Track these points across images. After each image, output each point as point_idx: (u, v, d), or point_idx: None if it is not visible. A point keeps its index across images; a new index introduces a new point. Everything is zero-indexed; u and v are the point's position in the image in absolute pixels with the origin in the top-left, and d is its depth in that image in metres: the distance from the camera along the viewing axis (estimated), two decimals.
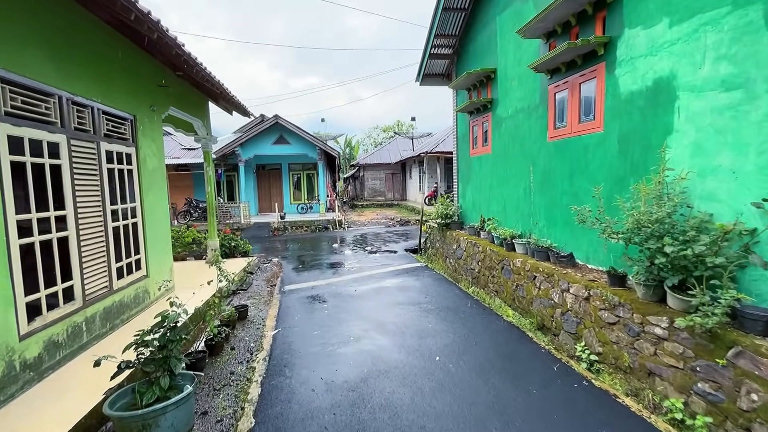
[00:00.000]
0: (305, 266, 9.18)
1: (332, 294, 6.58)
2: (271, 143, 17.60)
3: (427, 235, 10.98)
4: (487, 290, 6.74)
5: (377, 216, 20.40)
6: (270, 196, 20.26)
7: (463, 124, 9.31)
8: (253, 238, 14.89)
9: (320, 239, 14.05)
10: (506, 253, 6.32)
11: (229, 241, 9.58)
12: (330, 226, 16.68)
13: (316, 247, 12.15)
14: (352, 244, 12.51)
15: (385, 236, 13.94)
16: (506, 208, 7.22)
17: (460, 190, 9.76)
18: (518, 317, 5.47)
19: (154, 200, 5.69)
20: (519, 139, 6.64)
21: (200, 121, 7.94)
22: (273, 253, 11.23)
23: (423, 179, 22.05)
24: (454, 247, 8.65)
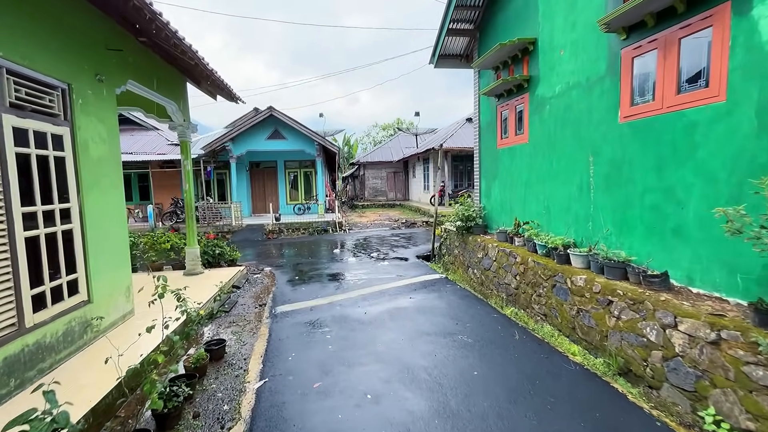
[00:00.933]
0: (302, 278, 7.80)
1: (336, 318, 5.20)
2: (265, 138, 16.19)
3: (441, 240, 9.63)
4: (531, 312, 5.39)
5: (380, 217, 19.03)
6: (264, 195, 18.84)
7: (488, 111, 7.96)
8: (244, 241, 13.48)
9: (319, 243, 12.66)
10: (558, 266, 4.96)
11: (212, 248, 8.18)
12: (329, 228, 15.29)
13: (314, 253, 10.77)
14: (355, 249, 11.13)
15: (391, 240, 12.57)
16: (550, 209, 5.87)
17: (483, 188, 8.41)
18: (585, 355, 4.12)
19: (102, 200, 4.29)
20: (571, 123, 5.30)
21: (175, 105, 6.54)
22: (266, 260, 9.84)
23: (428, 177, 20.71)
24: (479, 255, 7.29)
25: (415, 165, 23.92)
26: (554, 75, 5.64)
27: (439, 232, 9.86)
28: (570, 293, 4.63)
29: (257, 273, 8.24)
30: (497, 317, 5.21)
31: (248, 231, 14.95)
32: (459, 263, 8.32)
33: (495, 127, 7.64)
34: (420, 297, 6.11)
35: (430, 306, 5.64)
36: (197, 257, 7.39)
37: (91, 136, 4.16)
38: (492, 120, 7.77)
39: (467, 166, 20.12)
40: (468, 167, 20.15)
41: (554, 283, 4.95)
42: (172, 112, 6.65)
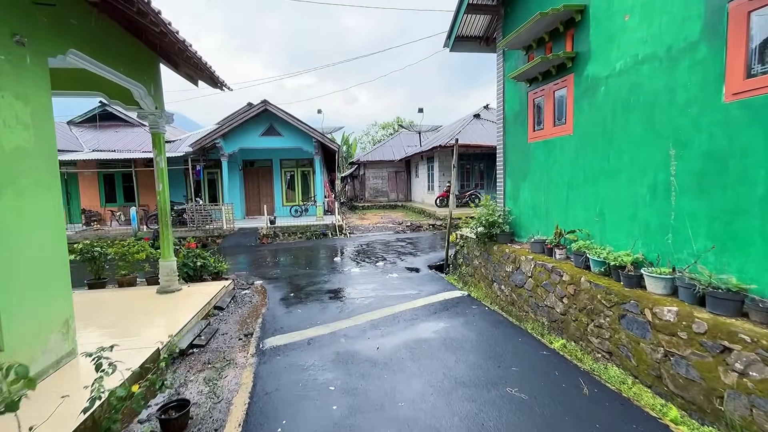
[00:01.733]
0: (299, 295, 6.65)
1: (342, 357, 4.06)
2: (260, 134, 15.01)
3: (456, 248, 8.49)
4: (587, 347, 4.26)
5: (382, 219, 17.88)
6: (259, 197, 17.66)
7: (515, 99, 6.84)
8: (235, 247, 12.31)
9: (318, 250, 11.50)
10: (627, 291, 3.84)
11: (193, 260, 7.02)
12: (329, 232, 14.13)
13: (313, 262, 9.61)
14: (358, 257, 9.98)
15: (397, 246, 11.42)
16: (605, 216, 4.74)
17: (508, 189, 7.28)
18: (687, 419, 3.00)
19: (18, 206, 3.13)
20: (640, 108, 4.17)
21: (143, 88, 5.38)
22: (257, 271, 8.67)
23: (433, 177, 19.58)
24: (507, 269, 6.16)
25: (418, 164, 22.79)
26: (613, 48, 4.51)
27: (453, 239, 8.73)
28: (651, 329, 3.50)
29: (246, 288, 7.08)
30: (547, 355, 4.07)
31: (240, 235, 13.78)
32: (480, 276, 7.19)
33: (525, 118, 6.51)
34: (444, 324, 4.97)
35: (459, 338, 4.50)
36: (173, 271, 6.22)
37: (5, 118, 3.00)
38: (521, 109, 6.64)
39: (474, 165, 19.01)
40: (476, 166, 19.03)
41: (623, 312, 3.82)
42: (139, 97, 5.48)
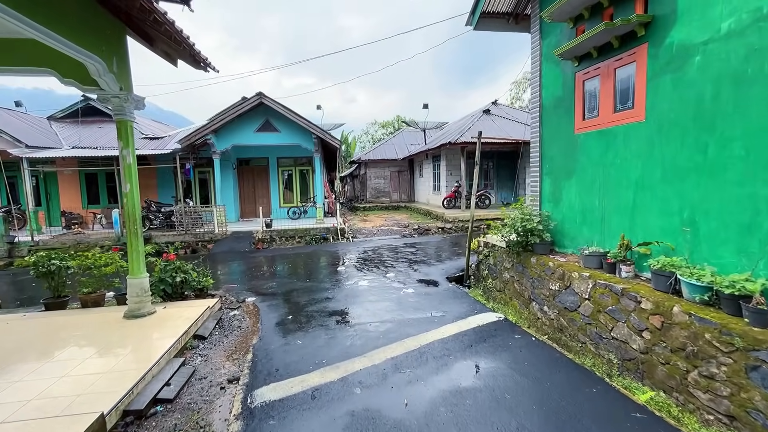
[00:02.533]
0: (298, 317, 5.53)
1: (359, 425, 2.94)
2: (255, 130, 13.87)
3: (480, 257, 7.39)
4: (688, 403, 3.17)
5: (386, 222, 16.77)
6: (254, 197, 16.51)
7: (557, 82, 5.75)
8: (228, 253, 11.16)
9: (318, 257, 10.37)
10: (761, 334, 2.75)
11: (172, 275, 5.88)
12: (330, 236, 13.01)
13: (313, 272, 8.48)
14: (364, 265, 8.86)
15: (406, 252, 10.31)
16: (700, 224, 3.65)
17: (545, 190, 6.20)
18: None
19: None
20: (763, 81, 3.08)
21: (100, 62, 4.25)
22: (250, 283, 7.54)
23: (439, 177, 18.48)
24: (552, 286, 5.06)
25: (423, 163, 21.69)
26: (717, 4, 3.42)
27: (475, 246, 7.62)
28: None
29: (235, 308, 5.95)
30: (640, 418, 2.96)
31: (233, 240, 12.63)
32: (513, 292, 6.09)
33: (571, 104, 5.42)
34: (486, 363, 3.86)
35: (512, 387, 3.39)
36: (145, 291, 5.10)
37: None
38: (565, 94, 5.55)
39: (484, 164, 17.91)
40: (485, 165, 17.94)
41: (754, 363, 2.73)
42: (97, 74, 4.34)
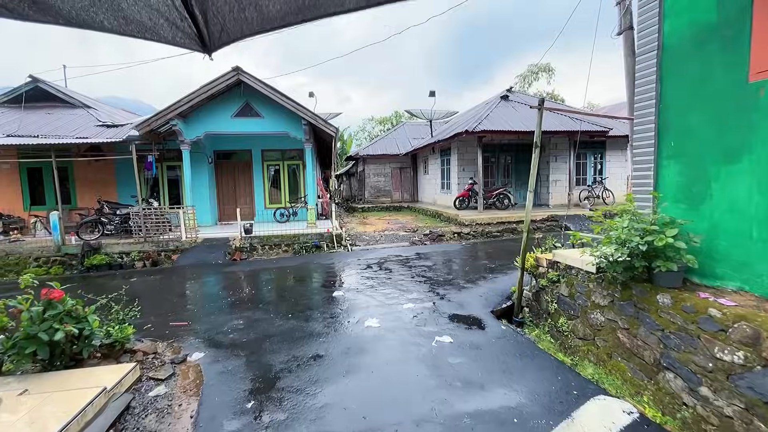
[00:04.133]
0: (268, 398, 3.21)
1: None
2: (232, 115, 11.47)
3: (541, 283, 5.07)
4: None
5: (389, 225, 14.44)
6: (235, 197, 14.09)
7: (703, 4, 3.44)
8: (194, 268, 8.75)
9: (308, 274, 8.03)
10: None
11: (52, 327, 3.47)
12: (324, 243, 10.66)
13: (299, 302, 6.13)
14: (370, 289, 6.54)
15: (422, 267, 7.99)
16: None
17: (670, 182, 3.88)
18: None
19: None
20: None
21: None
22: (206, 321, 5.17)
23: (449, 174, 16.19)
24: (725, 355, 2.75)
25: (429, 159, 19.39)
26: None
27: (531, 265, 5.31)
28: None
29: (165, 378, 3.59)
30: None
31: (205, 249, 10.23)
32: (615, 346, 3.77)
33: (743, 31, 3.11)
34: None
35: None
36: None
37: None
38: (729, 15, 3.24)
39: (500, 158, 15.65)
40: (502, 159, 15.67)
41: None
42: None
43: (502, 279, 6.77)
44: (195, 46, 1.59)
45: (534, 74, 36.73)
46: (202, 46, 1.60)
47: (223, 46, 1.60)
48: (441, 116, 20.11)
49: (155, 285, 7.67)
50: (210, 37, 1.56)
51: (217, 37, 1.56)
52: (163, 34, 1.52)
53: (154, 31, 1.50)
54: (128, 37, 1.54)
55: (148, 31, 1.50)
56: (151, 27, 1.48)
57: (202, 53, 1.70)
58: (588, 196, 14.81)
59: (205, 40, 1.57)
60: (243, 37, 1.53)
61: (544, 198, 15.55)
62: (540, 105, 5.02)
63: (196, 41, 1.57)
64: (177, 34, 1.54)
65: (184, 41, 1.57)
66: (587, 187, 15.12)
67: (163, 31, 1.51)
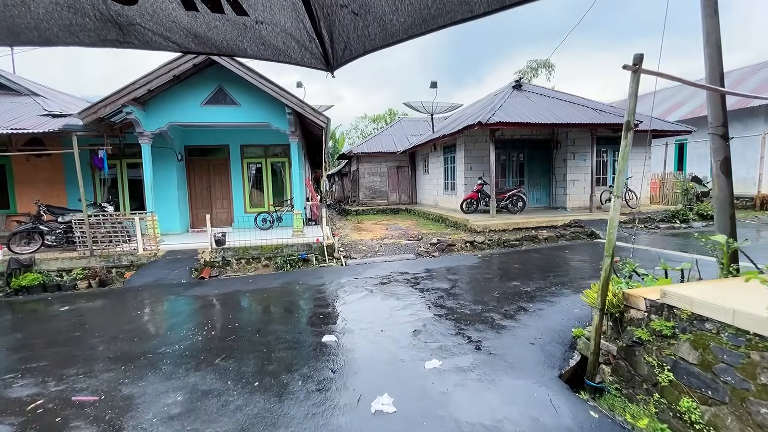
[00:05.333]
0: None
1: None
2: (202, 102, 9.59)
3: (635, 334, 3.36)
4: None
5: (388, 231, 12.69)
6: (210, 200, 12.21)
7: None
8: (149, 290, 6.82)
9: (292, 303, 6.24)
10: None
11: None
12: (312, 255, 8.87)
13: (275, 353, 4.34)
14: (375, 332, 4.81)
15: (439, 291, 6.26)
16: None
17: None
18: None
19: None
20: None
21: None
22: (121, 400, 3.35)
23: (454, 173, 14.49)
24: None
25: (429, 156, 17.69)
26: None
27: (616, 301, 3.59)
28: None
29: None
30: None
31: (166, 264, 8.37)
32: None
33: None
34: None
35: None
36: None
37: None
38: None
39: (513, 156, 14.00)
40: (514, 157, 14.02)
41: None
42: None
43: (548, 312, 5.06)
44: (320, 65, 1.70)
45: (534, 70, 35.38)
46: (326, 65, 1.69)
47: (345, 63, 1.66)
48: (443, 109, 18.41)
49: (88, 317, 5.81)
50: (334, 56, 1.64)
51: (340, 55, 1.64)
52: (294, 56, 1.65)
53: (287, 54, 1.64)
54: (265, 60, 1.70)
55: (281, 54, 1.64)
56: (284, 50, 1.62)
57: (326, 71, 1.71)
58: (610, 198, 13.22)
59: (329, 59, 1.66)
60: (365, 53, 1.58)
61: (560, 200, 13.95)
62: (636, 65, 3.30)
63: (321, 60, 1.67)
64: (305, 55, 1.65)
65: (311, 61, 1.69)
66: (608, 187, 13.56)
67: (293, 53, 1.64)
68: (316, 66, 1.71)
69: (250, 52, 1.62)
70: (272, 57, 1.64)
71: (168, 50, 1.55)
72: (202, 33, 1.47)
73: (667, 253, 7.88)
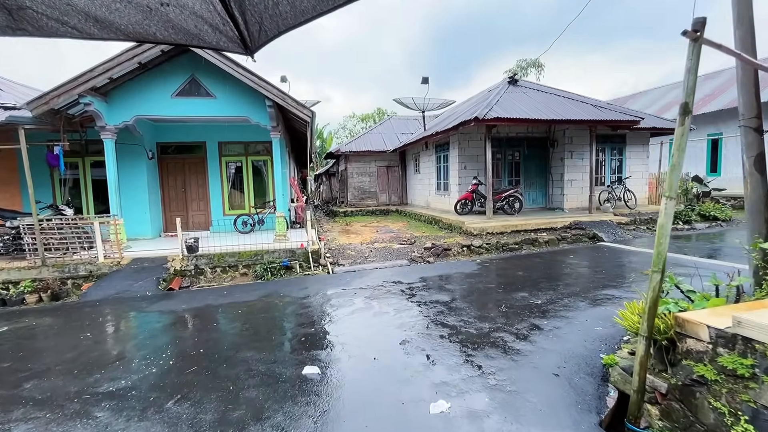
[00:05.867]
0: None
1: None
2: (173, 94, 8.69)
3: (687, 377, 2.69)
4: None
5: (378, 233, 11.94)
6: (185, 202, 11.26)
7: None
8: (103, 307, 5.83)
9: (270, 322, 5.42)
10: None
11: None
12: (296, 263, 8.07)
13: (244, 391, 3.55)
14: (365, 359, 4.10)
15: (437, 306, 5.54)
16: None
17: None
18: None
19: None
20: None
21: None
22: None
23: (447, 172, 13.82)
24: None
25: (420, 155, 17.01)
26: None
27: (664, 327, 2.91)
28: None
29: None
30: None
31: (131, 274, 7.46)
32: None
33: None
34: None
35: None
36: None
37: None
38: None
39: (509, 154, 13.39)
40: (509, 155, 13.41)
41: None
42: None
43: (566, 331, 4.38)
44: (238, 49, 1.66)
45: (523, 69, 35.10)
46: (244, 48, 1.65)
47: (263, 46, 1.64)
48: (435, 106, 17.73)
49: (27, 341, 4.90)
50: (251, 38, 1.61)
51: (256, 37, 1.61)
52: (208, 39, 1.60)
53: (200, 38, 1.59)
54: (177, 44, 1.67)
55: (194, 37, 1.58)
56: (197, 34, 1.56)
57: (245, 55, 1.67)
58: (608, 198, 12.75)
59: (247, 42, 1.62)
60: (279, 34, 1.56)
61: (557, 200, 13.41)
62: (697, 31, 2.62)
63: (239, 43, 1.63)
64: (221, 39, 1.60)
65: (227, 45, 1.65)
66: (607, 187, 13.06)
67: (207, 37, 1.59)
68: (234, 50, 1.66)
69: (159, 37, 1.56)
70: (185, 41, 1.59)
71: (68, 37, 1.45)
72: (103, 16, 1.39)
73: (683, 259, 7.32)
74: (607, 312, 4.88)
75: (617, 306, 5.07)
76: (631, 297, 5.36)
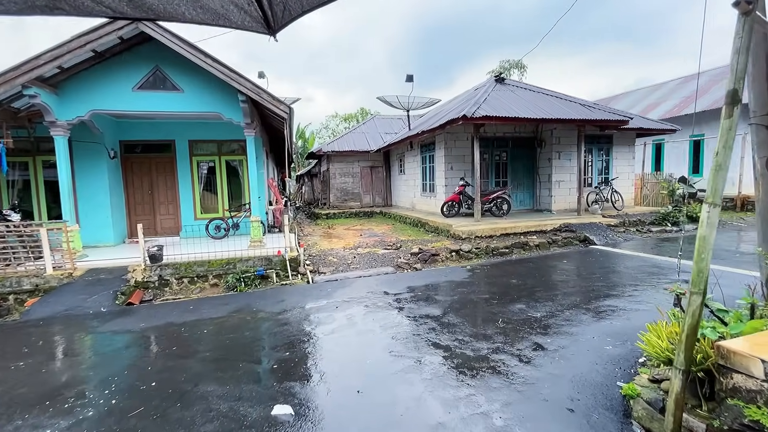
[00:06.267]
0: None
1: None
2: (135, 87, 7.88)
3: (736, 420, 2.24)
4: None
5: (362, 237, 11.36)
6: (152, 204, 10.40)
7: None
8: (47, 327, 4.94)
9: (239, 345, 4.76)
10: None
11: None
12: (273, 272, 7.41)
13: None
14: (348, 394, 3.55)
15: (428, 322, 5.02)
16: None
17: None
18: None
19: None
20: None
21: None
22: None
23: (432, 173, 13.35)
24: None
25: (405, 156, 16.51)
26: None
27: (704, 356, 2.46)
28: None
29: None
30: None
31: (84, 287, 6.64)
32: None
33: None
34: None
35: None
36: None
37: None
38: None
39: (496, 154, 13.03)
40: (496, 156, 13.05)
41: None
42: None
43: (573, 351, 3.92)
44: (261, 29, 1.68)
45: (506, 70, 35.17)
46: (267, 28, 1.67)
47: (286, 26, 1.67)
48: (420, 105, 17.25)
49: None
50: (274, 18, 1.62)
51: (279, 17, 1.62)
52: (234, 19, 1.62)
53: (226, 17, 1.61)
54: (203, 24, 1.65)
55: (221, 17, 1.60)
56: (224, 14, 1.58)
57: (267, 35, 1.70)
58: (596, 200, 12.55)
59: (270, 22, 1.63)
60: (303, 13, 1.56)
61: (545, 202, 13.13)
62: (750, 3, 2.17)
63: (262, 23, 1.65)
64: (245, 18, 1.62)
65: (251, 24, 1.65)
66: (594, 188, 12.87)
67: (233, 17, 1.61)
68: (257, 29, 1.70)
69: (188, 16, 1.58)
70: (211, 21, 1.63)
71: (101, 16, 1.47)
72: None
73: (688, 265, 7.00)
74: (614, 327, 4.46)
75: (624, 320, 4.65)
76: (638, 309, 4.96)
